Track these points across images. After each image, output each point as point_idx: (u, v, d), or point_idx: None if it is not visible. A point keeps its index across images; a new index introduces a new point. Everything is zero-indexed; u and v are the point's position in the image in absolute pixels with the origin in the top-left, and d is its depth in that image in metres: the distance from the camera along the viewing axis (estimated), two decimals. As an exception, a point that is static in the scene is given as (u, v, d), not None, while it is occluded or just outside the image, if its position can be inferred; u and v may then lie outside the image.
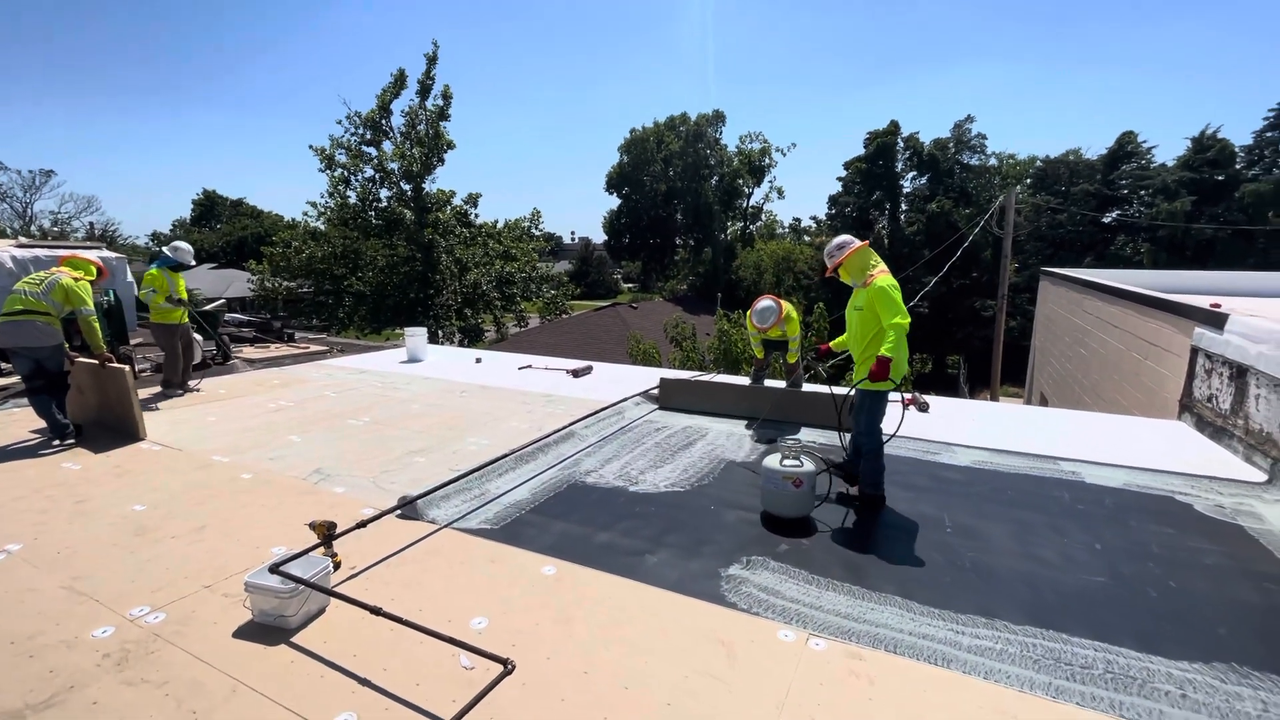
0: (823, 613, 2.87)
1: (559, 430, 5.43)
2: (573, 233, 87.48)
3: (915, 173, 36.47)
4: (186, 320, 7.05)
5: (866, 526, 3.84)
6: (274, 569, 2.74)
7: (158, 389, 7.06)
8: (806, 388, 6.63)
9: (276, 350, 10.26)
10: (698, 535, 3.66)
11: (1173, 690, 2.36)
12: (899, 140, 35.67)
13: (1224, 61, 75.42)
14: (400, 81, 24.97)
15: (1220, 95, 75.24)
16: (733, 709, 2.24)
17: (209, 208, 66.13)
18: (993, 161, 38.79)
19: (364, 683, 2.35)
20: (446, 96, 25.49)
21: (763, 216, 56.15)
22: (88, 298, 5.23)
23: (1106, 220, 30.72)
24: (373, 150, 25.29)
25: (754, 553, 3.43)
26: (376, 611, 2.51)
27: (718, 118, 45.28)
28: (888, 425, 4.11)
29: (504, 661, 2.30)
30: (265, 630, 2.66)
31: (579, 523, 3.81)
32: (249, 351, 10.06)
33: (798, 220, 58.71)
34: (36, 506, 3.92)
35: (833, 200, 38.37)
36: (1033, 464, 4.88)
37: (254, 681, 2.35)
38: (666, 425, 5.96)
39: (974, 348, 30.30)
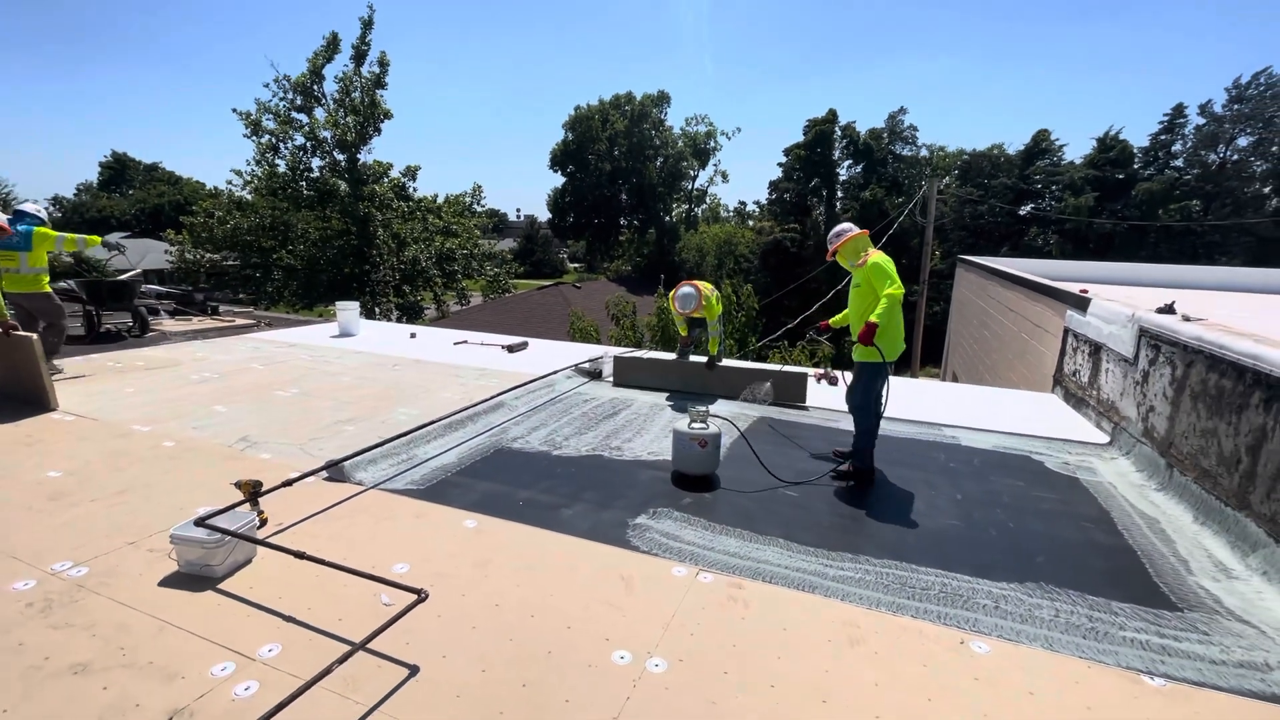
0: (714, 552, 3.25)
1: (488, 400, 5.64)
2: (518, 210, 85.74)
3: (851, 161, 37.81)
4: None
5: (761, 483, 4.25)
6: (199, 522, 2.88)
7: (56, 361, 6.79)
8: (735, 363, 7.03)
9: (199, 323, 9.92)
10: (612, 492, 3.98)
11: (988, 603, 2.86)
12: (836, 129, 36.81)
13: (1136, 62, 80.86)
14: (333, 45, 23.86)
15: (1134, 96, 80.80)
16: (625, 628, 2.58)
17: (119, 171, 61.27)
18: (924, 153, 40.64)
19: (289, 619, 2.56)
20: (383, 64, 24.54)
21: (707, 200, 56.86)
22: (-9, 262, 5.01)
23: (1022, 212, 32.84)
24: (303, 117, 24.14)
25: (660, 505, 3.79)
26: (300, 555, 2.71)
27: (662, 98, 45.36)
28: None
29: (417, 591, 2.56)
30: (192, 579, 2.81)
31: (502, 483, 4.07)
32: (169, 324, 9.69)
33: (743, 204, 59.81)
34: (-59, 474, 3.85)
35: (773, 185, 39.29)
36: (919, 430, 5.45)
37: (182, 622, 2.52)
38: (595, 397, 6.25)
39: (905, 332, 32.01)
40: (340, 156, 24.57)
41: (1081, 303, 6.59)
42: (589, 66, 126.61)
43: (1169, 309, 4.87)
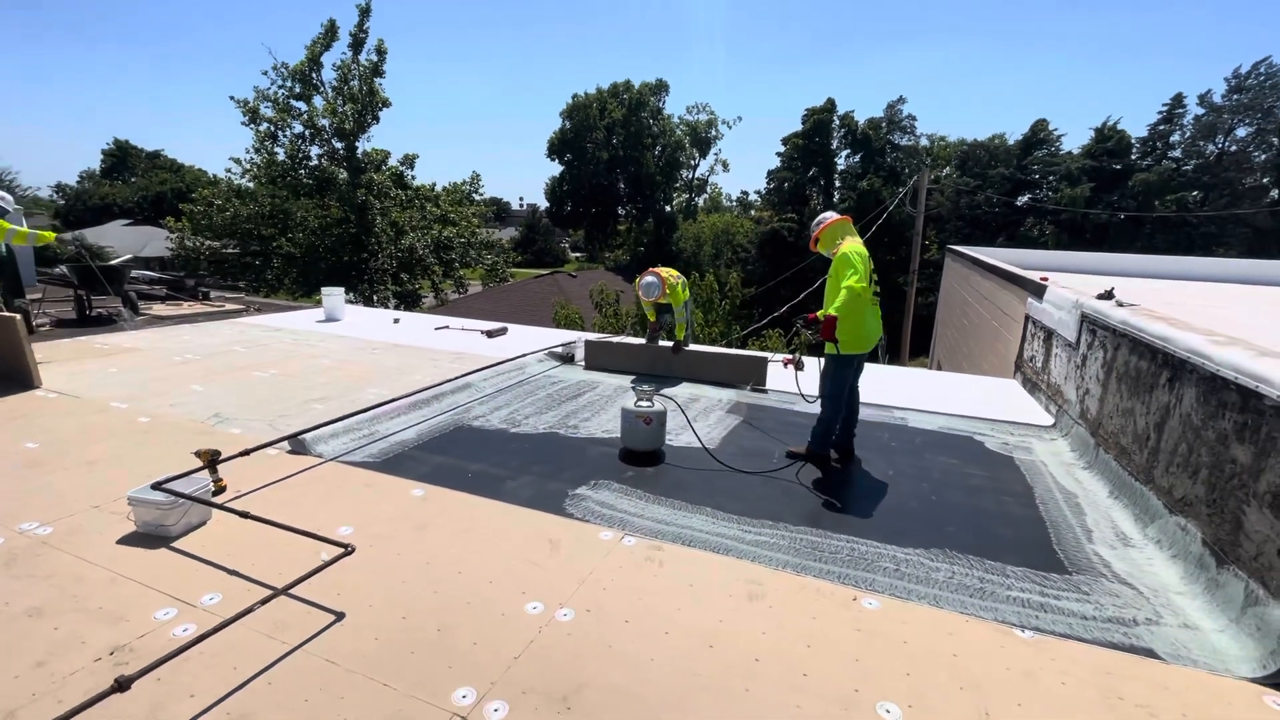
0: (643, 519, 3.45)
1: (453, 380, 5.85)
2: (521, 199, 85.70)
3: (849, 151, 37.75)
4: None
5: (705, 459, 4.45)
6: (156, 486, 3.10)
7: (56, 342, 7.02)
8: (701, 348, 7.21)
9: (189, 308, 10.15)
10: (560, 465, 4.19)
11: (890, 566, 3.07)
12: (835, 118, 36.70)
13: (1136, 52, 79.97)
14: (331, 32, 23.91)
15: (1133, 86, 79.99)
16: (543, 583, 2.79)
17: (121, 159, 61.38)
18: (924, 142, 40.52)
19: (233, 573, 2.78)
20: (381, 52, 24.57)
21: (708, 189, 56.79)
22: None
23: (1019, 203, 32.78)
24: (302, 105, 24.26)
25: (603, 478, 3.99)
26: (244, 515, 2.93)
27: (661, 87, 45.23)
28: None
29: (345, 546, 2.77)
30: (147, 538, 3.03)
31: (456, 457, 4.28)
32: (160, 309, 9.91)
33: (745, 193, 59.53)
34: (-75, 444, 4.08)
35: (771, 175, 39.26)
36: (870, 411, 5.62)
37: (133, 574, 2.74)
38: (563, 379, 6.45)
39: (896, 321, 32.08)
40: (339, 145, 24.69)
41: (1040, 290, 6.74)
42: (590, 54, 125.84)
43: (1108, 295, 5.02)
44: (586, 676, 2.23)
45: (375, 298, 25.40)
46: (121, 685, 1.86)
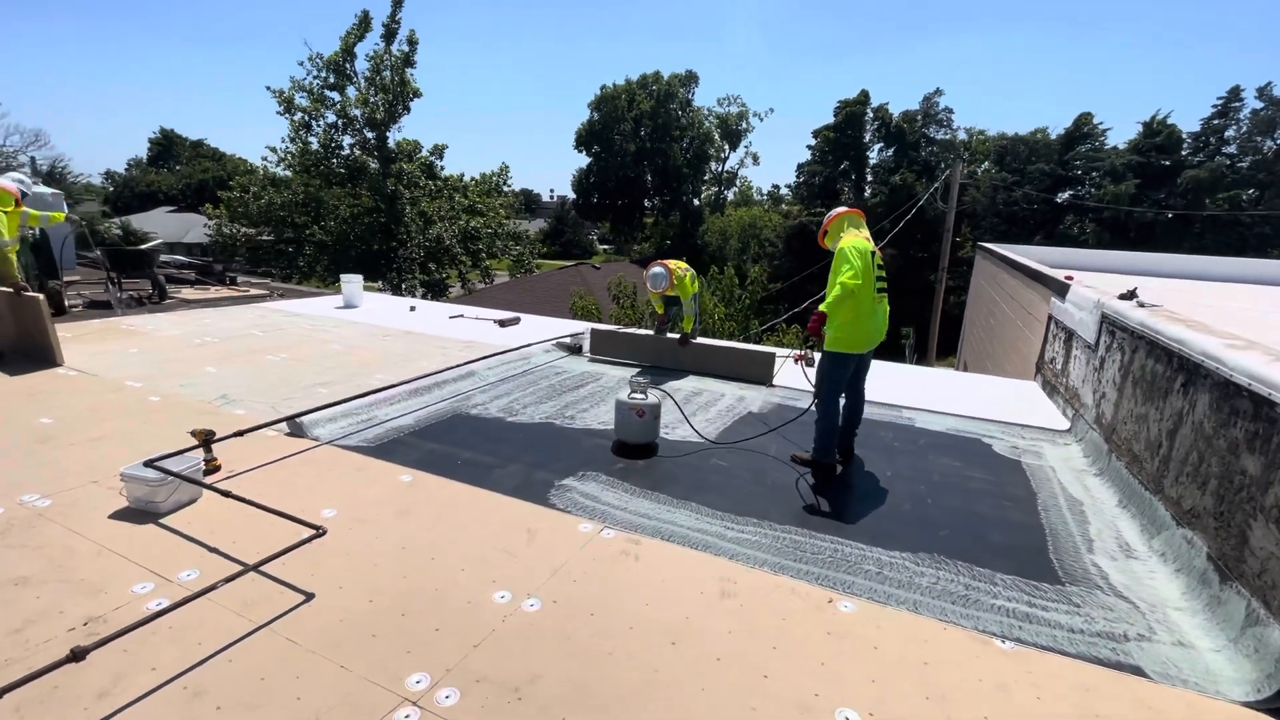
0: (625, 513, 3.42)
1: (456, 367, 5.88)
2: (552, 191, 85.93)
3: (882, 144, 36.90)
4: None
5: (698, 453, 4.39)
6: (148, 463, 3.18)
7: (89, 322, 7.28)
8: (708, 341, 7.13)
9: (216, 292, 10.42)
10: (551, 456, 4.18)
11: (872, 569, 2.98)
12: (868, 110, 35.89)
13: (1191, 43, 76.23)
14: (364, 23, 24.25)
15: (1186, 79, 76.32)
16: (514, 571, 2.79)
17: (167, 148, 63.42)
18: (962, 136, 39.36)
19: (213, 550, 2.84)
20: (412, 42, 24.85)
21: (738, 182, 56.21)
22: (4, 229, 5.43)
23: (1059, 200, 31.63)
24: (335, 95, 24.69)
25: (592, 469, 3.97)
26: (226, 494, 2.99)
27: (690, 78, 44.80)
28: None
29: (317, 528, 2.80)
30: (138, 514, 3.11)
31: (450, 444, 4.31)
32: (188, 293, 10.21)
33: (776, 187, 58.68)
34: (-53, 417, 4.27)
35: (800, 168, 38.63)
36: (877, 410, 5.49)
37: (119, 548, 2.82)
38: (566, 370, 6.45)
39: (926, 320, 31.39)
40: (370, 135, 25.08)
41: (1064, 289, 6.48)
42: (623, 45, 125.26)
43: (1130, 295, 4.79)
44: (542, 668, 2.22)
45: (403, 286, 25.82)
46: (77, 655, 1.90)
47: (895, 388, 6.18)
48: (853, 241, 3.88)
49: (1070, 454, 4.67)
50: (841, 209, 4.29)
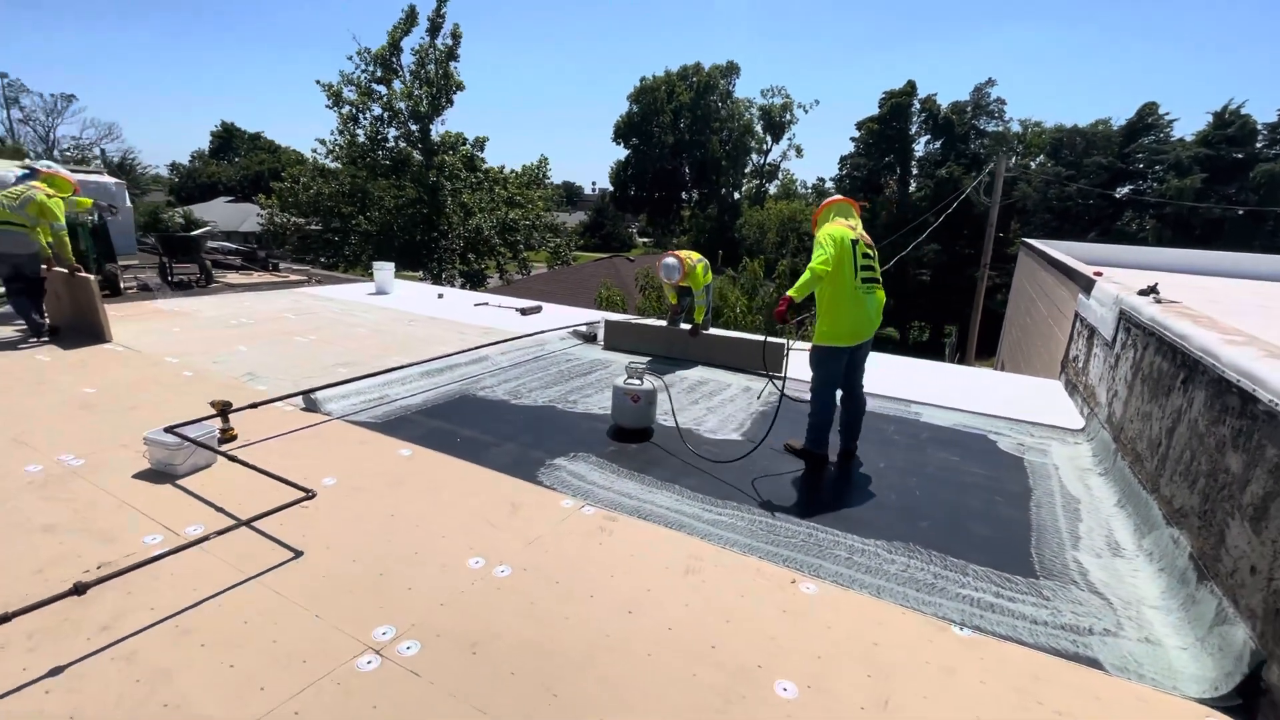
0: (609, 492, 3.53)
1: (468, 350, 6.09)
2: (594, 184, 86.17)
3: (929, 136, 35.78)
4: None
5: (696, 442, 4.45)
6: (169, 429, 3.45)
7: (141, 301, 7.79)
8: (719, 332, 7.16)
9: (258, 277, 10.97)
10: (547, 436, 4.32)
11: (842, 554, 3.01)
12: (914, 101, 34.85)
13: (1266, 29, 71.00)
14: (411, 18, 24.82)
15: (1265, 67, 71.21)
16: (491, 541, 2.93)
17: (227, 140, 66.42)
18: (1016, 128, 37.79)
19: (219, 509, 3.07)
20: (456, 36, 25.31)
21: (780, 175, 55.27)
22: (60, 214, 5.87)
23: (1118, 195, 30.10)
24: (382, 89, 25.39)
25: (584, 450, 4.09)
26: (232, 458, 3.22)
27: (731, 69, 44.26)
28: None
29: (308, 492, 3.00)
30: (158, 474, 3.39)
31: (453, 423, 4.49)
32: (232, 277, 10.78)
33: (821, 180, 57.30)
34: (3, 385, 4.68)
35: (843, 161, 37.83)
36: (883, 404, 5.44)
37: (137, 504, 3.08)
38: (579, 357, 6.59)
39: (966, 318, 30.41)
40: (414, 127, 25.73)
41: (1091, 285, 6.26)
42: (665, 37, 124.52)
43: (1149, 290, 4.62)
44: (500, 628, 2.35)
45: (443, 276, 26.47)
46: (78, 589, 2.13)
47: (908, 383, 6.09)
48: (831, 229, 3.81)
49: (1078, 453, 4.55)
50: (832, 198, 4.19)
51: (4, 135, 44.81)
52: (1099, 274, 6.53)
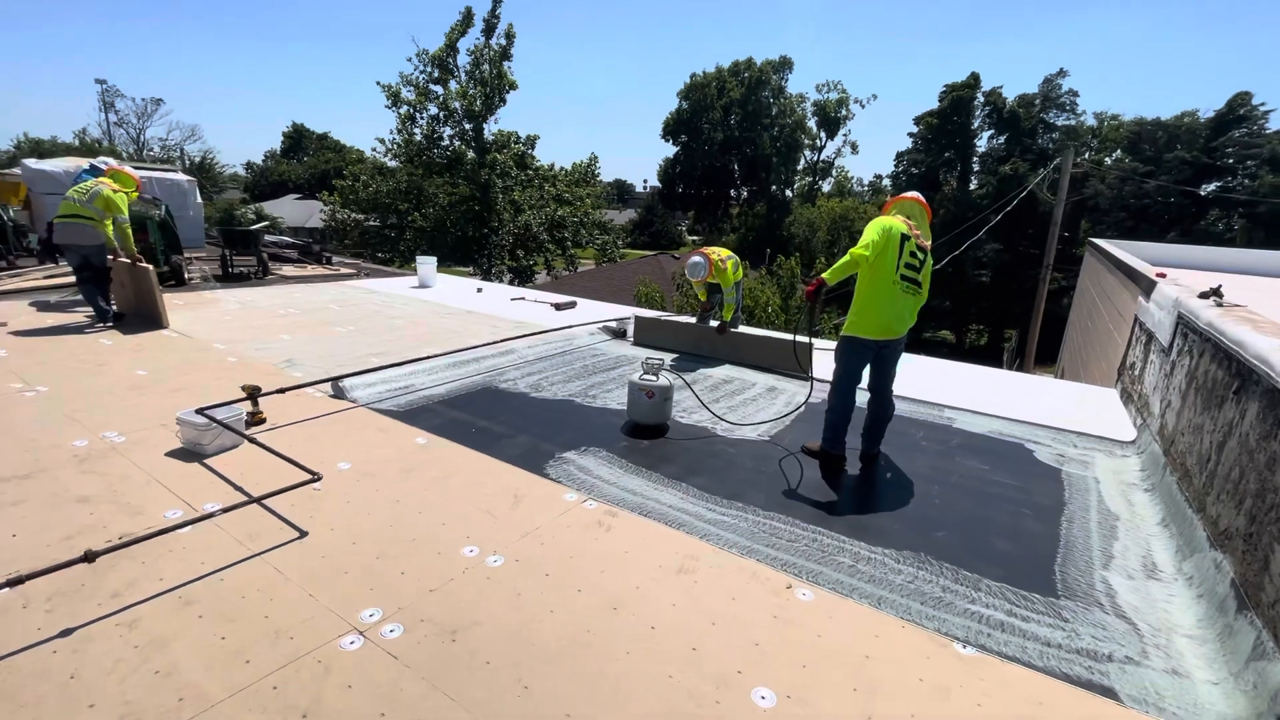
0: (614, 488, 3.50)
1: (493, 343, 6.18)
2: (645, 181, 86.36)
3: (993, 131, 34.16)
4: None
5: (706, 438, 4.38)
6: (199, 411, 3.63)
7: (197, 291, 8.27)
8: (748, 330, 7.04)
9: (311, 270, 11.47)
10: (560, 429, 4.33)
11: (846, 561, 2.89)
12: (978, 95, 33.31)
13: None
14: (468, 19, 25.41)
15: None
16: (488, 531, 2.95)
17: (297, 140, 69.76)
18: (1090, 121, 35.67)
19: (238, 488, 3.21)
20: (510, 36, 25.79)
21: (834, 172, 53.92)
22: (124, 207, 6.28)
23: (1204, 192, 27.95)
24: (439, 89, 26.10)
25: (595, 445, 4.08)
26: (252, 440, 3.36)
27: (784, 64, 43.38)
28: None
29: (314, 474, 3.10)
30: (188, 453, 3.57)
31: (470, 414, 4.56)
32: (287, 270, 11.30)
33: (879, 178, 55.52)
34: (68, 366, 5.04)
35: (900, 157, 36.56)
36: (914, 408, 5.22)
37: (165, 480, 3.25)
38: (605, 353, 6.59)
39: (1026, 323, 28.88)
40: (468, 126, 26.36)
41: (1152, 288, 5.83)
42: (720, 32, 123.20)
43: (1210, 293, 4.25)
44: (483, 616, 2.36)
45: (492, 272, 27.05)
46: (88, 557, 2.26)
47: (944, 386, 5.83)
48: (884, 220, 3.69)
49: (1124, 466, 4.24)
50: (906, 195, 3.97)
51: (101, 138, 48.40)
52: (1162, 275, 6.08)
